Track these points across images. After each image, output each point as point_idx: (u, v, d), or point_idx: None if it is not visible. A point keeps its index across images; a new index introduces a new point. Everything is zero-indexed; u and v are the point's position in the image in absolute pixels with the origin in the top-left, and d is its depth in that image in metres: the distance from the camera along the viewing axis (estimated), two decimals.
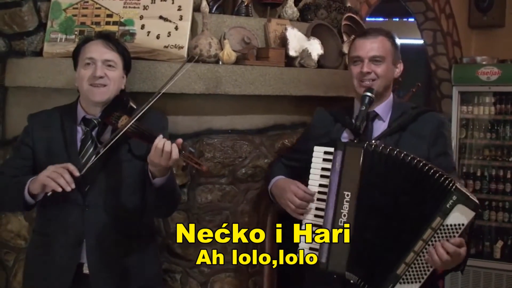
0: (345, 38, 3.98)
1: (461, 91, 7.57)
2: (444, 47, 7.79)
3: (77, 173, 2.66)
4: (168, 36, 3.32)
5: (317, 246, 2.80)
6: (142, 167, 2.79)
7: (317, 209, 2.85)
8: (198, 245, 3.39)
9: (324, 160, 2.85)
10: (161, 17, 3.37)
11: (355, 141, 2.83)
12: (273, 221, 3.57)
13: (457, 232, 2.57)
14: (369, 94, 2.88)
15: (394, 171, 2.69)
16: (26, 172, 2.87)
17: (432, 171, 2.62)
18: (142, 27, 3.35)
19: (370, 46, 2.95)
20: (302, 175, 2.98)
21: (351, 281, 2.75)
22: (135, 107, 2.85)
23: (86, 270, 2.83)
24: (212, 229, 3.38)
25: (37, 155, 2.90)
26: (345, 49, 3.90)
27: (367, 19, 6.49)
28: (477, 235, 7.47)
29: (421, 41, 7.97)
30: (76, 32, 3.39)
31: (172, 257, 3.39)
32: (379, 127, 2.94)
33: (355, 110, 3.04)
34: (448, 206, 2.56)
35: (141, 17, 3.38)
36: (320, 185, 2.85)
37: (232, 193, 3.43)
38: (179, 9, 3.36)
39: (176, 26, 3.34)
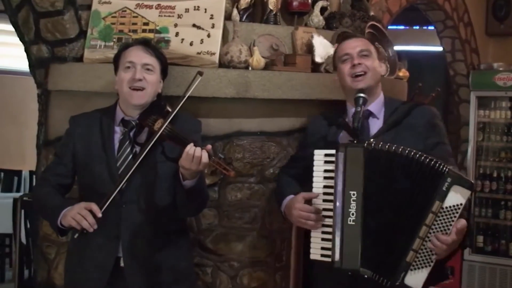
0: None
1: (478, 96, 7.53)
2: (462, 54, 7.74)
3: (99, 214, 2.69)
4: (201, 43, 3.32)
5: (329, 246, 2.77)
6: (175, 168, 2.79)
7: (324, 209, 2.80)
8: (228, 241, 3.39)
9: (326, 162, 2.81)
10: (194, 25, 3.37)
11: (355, 141, 2.79)
12: None
13: (457, 212, 2.57)
14: (362, 95, 2.86)
15: (393, 165, 2.68)
16: (68, 178, 2.95)
17: (424, 159, 2.62)
18: (177, 34, 3.36)
19: (356, 43, 2.98)
20: (305, 180, 2.96)
21: (365, 276, 2.72)
22: (170, 110, 2.84)
23: (122, 264, 2.84)
24: (241, 225, 3.38)
25: (77, 154, 2.92)
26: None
27: (389, 27, 6.45)
28: (493, 233, 7.42)
29: (440, 48, 7.93)
30: (114, 39, 3.40)
31: (204, 251, 3.39)
32: (375, 124, 2.93)
33: (348, 111, 3.03)
34: (444, 189, 2.57)
35: (176, 25, 3.38)
36: (325, 186, 2.81)
37: (261, 191, 3.43)
38: (211, 18, 3.36)
39: (209, 34, 3.34)
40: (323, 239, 2.80)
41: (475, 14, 7.90)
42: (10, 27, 3.86)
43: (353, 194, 2.72)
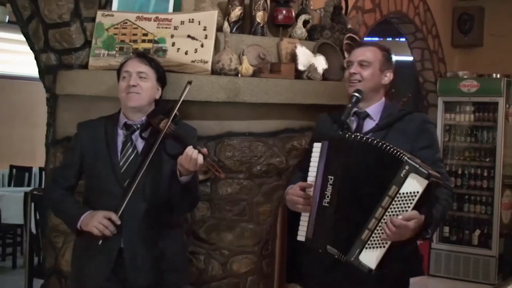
0: (346, 55, 3.95)
1: (445, 101, 7.55)
2: (431, 63, 7.78)
3: (118, 222, 2.75)
4: (195, 52, 3.31)
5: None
6: (172, 165, 2.79)
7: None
8: (219, 231, 3.38)
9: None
10: (189, 36, 3.35)
11: (340, 132, 2.79)
12: (283, 210, 3.56)
13: (413, 199, 2.50)
14: (356, 94, 2.85)
15: (364, 154, 2.65)
16: (76, 178, 2.97)
17: (388, 147, 2.58)
18: (173, 44, 3.35)
19: (360, 52, 2.94)
20: None
21: (334, 255, 2.67)
22: (177, 114, 2.87)
23: (124, 254, 2.83)
24: (231, 217, 3.37)
25: (84, 157, 2.92)
26: (346, 64, 3.87)
27: (365, 38, 6.46)
28: (458, 224, 7.45)
29: (411, 58, 7.96)
30: (116, 48, 3.38)
31: (197, 240, 3.39)
32: (370, 125, 2.88)
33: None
34: (401, 175, 2.51)
35: (172, 36, 3.37)
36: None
37: (249, 186, 3.42)
38: (204, 29, 3.35)
39: (202, 44, 3.33)
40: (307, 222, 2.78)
41: (442, 27, 7.93)
42: (21, 37, 3.84)
43: (331, 179, 2.69)
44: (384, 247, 2.56)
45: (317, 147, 2.80)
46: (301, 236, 2.75)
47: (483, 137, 7.39)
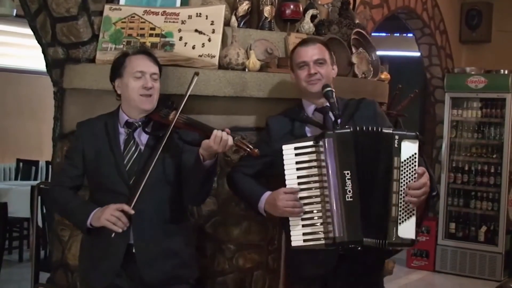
0: (353, 50, 3.94)
1: (452, 97, 7.54)
2: (438, 59, 7.76)
3: (132, 211, 2.71)
4: (202, 46, 3.30)
5: (312, 231, 2.74)
6: (178, 163, 2.78)
7: (301, 198, 2.76)
8: (225, 226, 3.37)
9: (297, 155, 2.77)
10: (196, 30, 3.35)
11: (337, 128, 2.81)
12: None
13: (415, 161, 2.68)
14: (329, 88, 2.93)
15: (368, 143, 2.74)
16: (80, 178, 2.94)
17: (379, 130, 2.74)
18: (180, 38, 3.34)
19: (312, 52, 2.99)
20: (267, 175, 3.00)
21: (369, 245, 2.72)
22: (173, 102, 2.89)
23: (134, 250, 2.83)
24: (238, 212, 3.37)
25: (87, 156, 2.89)
26: (354, 59, 3.86)
27: (373, 34, 6.45)
28: (464, 221, 7.44)
29: (418, 54, 7.94)
30: (124, 42, 3.38)
31: (203, 236, 3.38)
32: (332, 119, 2.94)
33: (305, 107, 3.05)
34: (396, 146, 2.68)
35: (179, 30, 3.36)
36: (299, 177, 2.77)
37: None
38: (212, 24, 3.34)
39: (209, 38, 3.32)
40: (304, 225, 2.76)
41: (450, 23, 7.90)
42: (29, 31, 3.84)
43: (347, 174, 2.71)
44: (413, 214, 2.69)
45: (288, 149, 2.77)
46: (297, 241, 2.76)
47: (490, 134, 7.38)
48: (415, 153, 2.68)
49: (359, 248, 2.75)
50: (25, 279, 5.58)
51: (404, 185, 2.67)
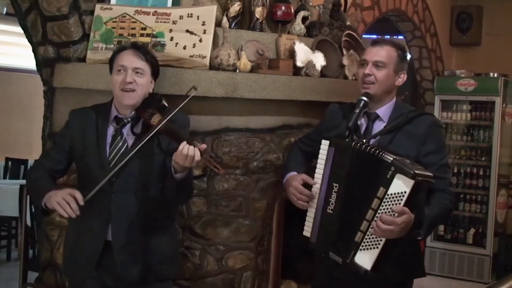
0: (344, 52, 3.95)
1: (442, 99, 7.58)
2: (429, 61, 7.78)
3: (81, 203, 2.64)
4: (193, 47, 3.30)
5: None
6: (164, 160, 2.78)
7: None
8: (215, 226, 3.38)
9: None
10: (187, 31, 3.35)
11: (347, 139, 2.76)
12: (280, 206, 3.55)
13: (401, 199, 2.52)
14: (364, 98, 2.81)
15: (361, 161, 2.67)
16: (62, 164, 2.93)
17: (378, 152, 2.61)
18: (171, 39, 3.34)
19: (376, 52, 2.87)
20: (312, 160, 2.98)
21: (333, 259, 2.72)
22: (166, 105, 2.81)
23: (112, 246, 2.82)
24: (227, 213, 3.37)
25: (74, 144, 2.89)
26: (345, 61, 3.88)
27: (364, 36, 6.46)
28: (453, 223, 7.47)
29: (408, 56, 7.94)
30: (114, 42, 3.37)
31: (193, 236, 3.38)
32: (379, 127, 2.85)
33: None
34: (388, 177, 2.54)
35: (171, 31, 3.36)
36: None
37: (245, 182, 3.41)
38: (203, 24, 3.34)
39: (200, 39, 3.32)
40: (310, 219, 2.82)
41: (441, 26, 7.93)
42: (19, 29, 3.82)
43: (335, 186, 2.71)
44: (377, 247, 2.59)
45: (325, 144, 2.80)
46: (307, 231, 2.79)
47: (480, 136, 7.41)
48: (405, 192, 2.51)
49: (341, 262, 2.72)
50: (14, 278, 5.56)
51: (378, 217, 2.56)
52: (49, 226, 3.58)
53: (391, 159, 2.55)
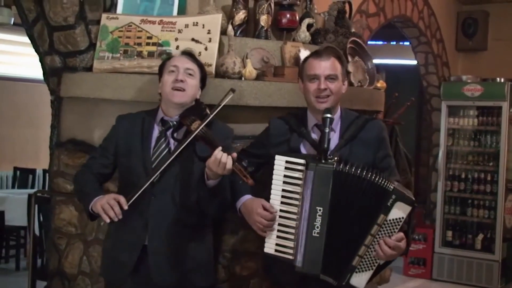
0: (349, 58, 3.96)
1: (448, 105, 7.56)
2: (435, 67, 7.78)
3: (125, 207, 2.71)
4: (199, 55, 3.31)
5: (285, 244, 2.75)
6: (203, 169, 2.79)
7: (281, 211, 2.75)
8: (222, 235, 3.37)
9: (287, 168, 2.74)
10: (193, 39, 3.37)
11: (323, 160, 2.72)
12: None
13: (399, 225, 2.65)
14: (329, 115, 2.77)
15: (353, 185, 2.68)
16: (108, 169, 2.97)
17: (378, 179, 2.65)
18: (177, 47, 3.35)
19: (325, 66, 2.87)
20: (255, 175, 2.91)
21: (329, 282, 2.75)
22: (209, 113, 2.86)
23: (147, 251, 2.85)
24: (235, 221, 3.37)
25: (119, 149, 2.94)
26: (350, 68, 3.88)
27: (369, 42, 6.47)
28: (461, 228, 7.45)
29: (415, 62, 7.96)
30: (121, 51, 3.40)
31: None
32: (332, 137, 2.84)
33: (308, 120, 2.95)
34: (389, 204, 2.63)
35: (176, 39, 3.38)
36: (283, 190, 2.75)
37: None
38: (208, 33, 3.36)
39: (206, 47, 3.34)
40: (278, 237, 2.76)
41: (447, 31, 7.94)
42: (26, 39, 3.85)
43: (319, 210, 2.70)
44: (372, 269, 2.71)
45: (280, 160, 2.75)
46: (270, 249, 2.78)
47: (487, 141, 7.39)
48: (402, 217, 2.63)
49: (334, 283, 2.75)
50: (22, 287, 5.57)
51: (376, 243, 2.65)
52: (57, 235, 3.59)
53: (393, 187, 2.64)
